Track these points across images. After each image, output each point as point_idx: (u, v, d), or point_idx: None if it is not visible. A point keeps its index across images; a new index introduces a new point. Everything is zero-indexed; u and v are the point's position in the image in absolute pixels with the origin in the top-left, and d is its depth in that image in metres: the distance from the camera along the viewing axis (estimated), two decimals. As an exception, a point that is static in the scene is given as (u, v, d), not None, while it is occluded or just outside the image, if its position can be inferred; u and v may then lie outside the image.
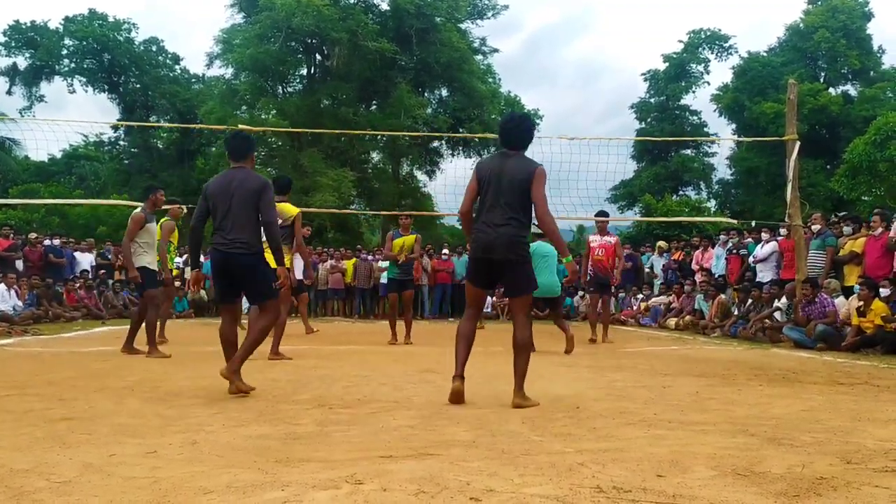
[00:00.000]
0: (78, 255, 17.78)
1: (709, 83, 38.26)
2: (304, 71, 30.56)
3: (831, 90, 33.86)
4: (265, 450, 3.31)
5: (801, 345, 9.82)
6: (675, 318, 14.52)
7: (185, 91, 33.33)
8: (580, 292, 18.98)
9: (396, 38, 27.87)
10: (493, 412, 4.41)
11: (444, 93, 31.41)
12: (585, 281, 12.78)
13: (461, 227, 5.13)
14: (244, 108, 28.45)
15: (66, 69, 32.75)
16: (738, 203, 35.29)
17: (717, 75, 69.87)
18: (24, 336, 10.95)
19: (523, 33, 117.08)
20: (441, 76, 29.44)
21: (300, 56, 29.57)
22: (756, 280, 12.88)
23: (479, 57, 31.90)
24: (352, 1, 28.93)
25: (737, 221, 16.28)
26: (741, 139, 32.35)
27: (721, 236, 15.46)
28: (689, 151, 37.62)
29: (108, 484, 2.73)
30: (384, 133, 25.15)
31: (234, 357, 5.05)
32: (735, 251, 14.44)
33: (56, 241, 17.58)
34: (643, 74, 39.40)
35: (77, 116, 64.65)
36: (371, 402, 4.81)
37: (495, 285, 5.00)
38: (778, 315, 11.11)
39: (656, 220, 22.54)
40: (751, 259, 13.41)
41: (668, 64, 38.22)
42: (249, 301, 5.55)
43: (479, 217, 4.79)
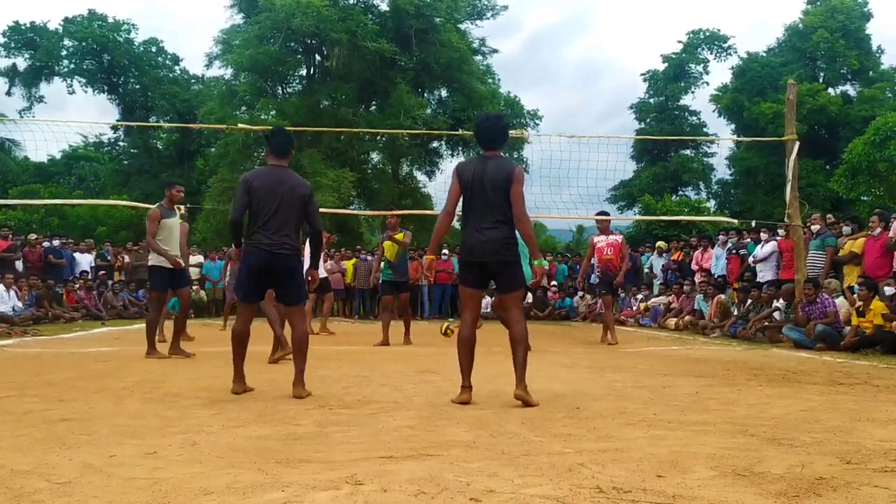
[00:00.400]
0: (77, 256, 17.79)
1: (708, 83, 38.33)
2: (304, 71, 30.56)
3: (830, 90, 33.86)
4: (265, 450, 3.31)
5: (801, 345, 9.82)
6: (674, 318, 14.52)
7: (184, 92, 33.33)
8: (580, 293, 19.01)
9: (396, 39, 27.87)
10: (493, 413, 4.41)
11: (444, 93, 31.42)
12: (581, 282, 12.76)
13: (436, 230, 5.19)
14: (244, 108, 28.45)
15: (66, 70, 32.75)
16: (737, 203, 35.28)
17: (717, 75, 70.11)
18: (23, 337, 10.95)
19: (523, 33, 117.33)
20: (440, 77, 29.43)
21: (300, 56, 29.57)
22: (756, 280, 12.88)
23: (479, 57, 31.91)
24: (351, 1, 28.93)
25: (737, 221, 16.27)
26: (740, 139, 32.35)
27: (720, 236, 15.47)
28: (688, 151, 37.64)
29: (108, 485, 2.73)
30: (383, 133, 25.16)
31: (297, 373, 5.08)
32: (735, 251, 14.45)
33: (56, 241, 17.58)
34: (642, 75, 39.47)
35: (77, 117, 64.74)
36: (371, 402, 4.81)
37: (489, 284, 5.02)
38: (777, 315, 11.12)
39: (656, 219, 22.54)
40: (750, 259, 13.41)
41: (667, 64, 38.25)
42: (283, 302, 5.44)
43: (467, 221, 4.88)
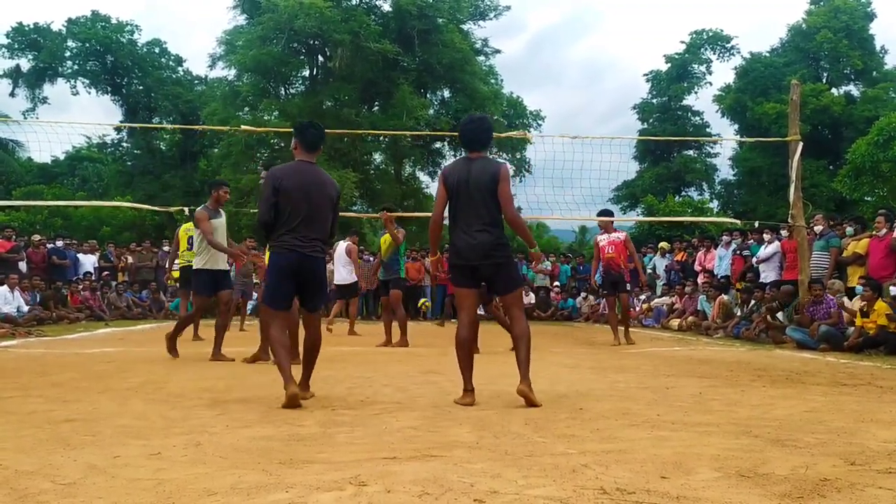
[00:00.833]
0: (81, 257, 17.84)
1: (711, 84, 38.25)
2: (307, 72, 30.58)
3: (834, 91, 33.80)
4: (269, 451, 3.32)
5: (805, 346, 9.81)
6: (677, 318, 14.51)
7: (187, 93, 33.35)
8: (582, 294, 19.01)
9: (398, 40, 27.88)
10: (497, 413, 4.41)
11: (447, 94, 31.42)
12: (594, 283, 12.69)
13: (430, 234, 5.17)
14: (247, 109, 28.49)
15: (69, 71, 32.78)
16: (740, 204, 35.23)
17: (720, 76, 69.92)
18: (27, 338, 10.98)
19: (527, 33, 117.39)
20: (443, 77, 29.44)
21: (302, 57, 29.60)
22: (759, 280, 12.86)
23: (482, 58, 31.91)
24: (354, 2, 28.95)
25: (740, 222, 16.26)
26: (743, 140, 32.29)
27: (724, 237, 15.45)
28: (691, 152, 37.60)
29: (112, 485, 2.74)
30: (386, 134, 25.16)
31: (303, 375, 4.96)
32: (738, 252, 14.44)
33: (59, 242, 17.62)
34: (645, 75, 39.43)
35: (81, 118, 64.77)
36: (374, 403, 4.81)
37: (481, 284, 5.00)
38: (780, 315, 11.10)
39: (659, 220, 22.52)
40: (754, 260, 13.39)
41: (670, 64, 38.21)
42: (308, 307, 5.09)
43: (455, 224, 4.86)
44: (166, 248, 19.89)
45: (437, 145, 31.80)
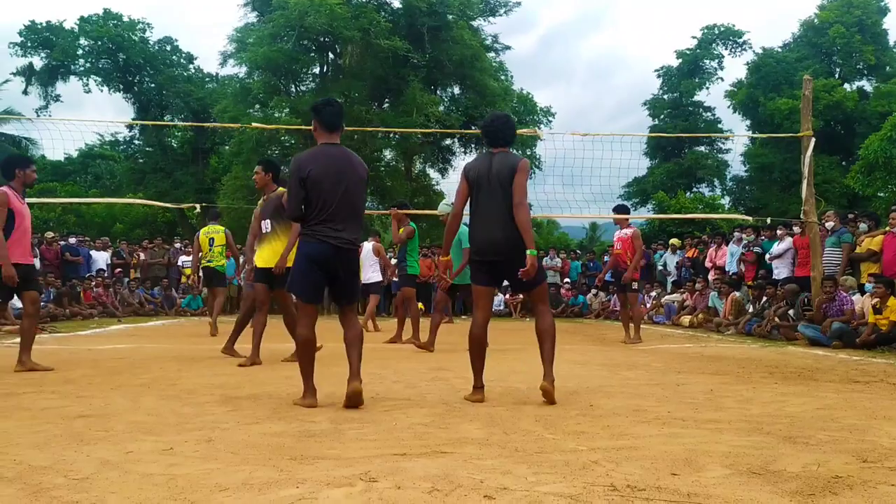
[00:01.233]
0: (94, 254, 17.98)
1: (722, 79, 37.99)
2: (317, 69, 30.61)
3: (846, 86, 33.55)
4: (280, 447, 3.33)
5: (817, 342, 9.76)
6: (688, 315, 14.46)
7: (199, 90, 33.45)
8: (593, 290, 18.98)
9: (409, 36, 27.85)
10: (507, 410, 4.41)
11: (457, 90, 31.36)
12: (600, 280, 12.67)
13: (447, 231, 5.14)
14: (258, 106, 28.55)
15: (82, 69, 32.93)
16: (752, 200, 35.03)
17: (731, 71, 69.52)
18: (41, 334, 11.04)
19: (539, 29, 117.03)
20: (453, 74, 29.39)
21: (313, 55, 29.62)
22: (772, 277, 12.81)
23: (492, 54, 31.84)
24: (364, -1, 28.98)
25: (752, 218, 16.17)
26: (755, 135, 32.11)
27: (735, 233, 15.38)
28: (702, 148, 37.39)
29: (125, 481, 2.76)
30: (396, 131, 25.18)
31: (354, 372, 4.52)
32: (750, 248, 14.37)
33: (72, 239, 17.76)
34: (656, 71, 39.23)
35: (94, 115, 65.15)
36: (384, 399, 4.82)
37: (502, 282, 4.96)
38: (791, 312, 11.05)
39: (670, 217, 22.45)
40: (767, 256, 13.34)
41: (681, 60, 38.00)
42: (340, 302, 4.75)
43: (475, 219, 4.78)
44: (178, 244, 20.07)
45: (448, 142, 31.79)
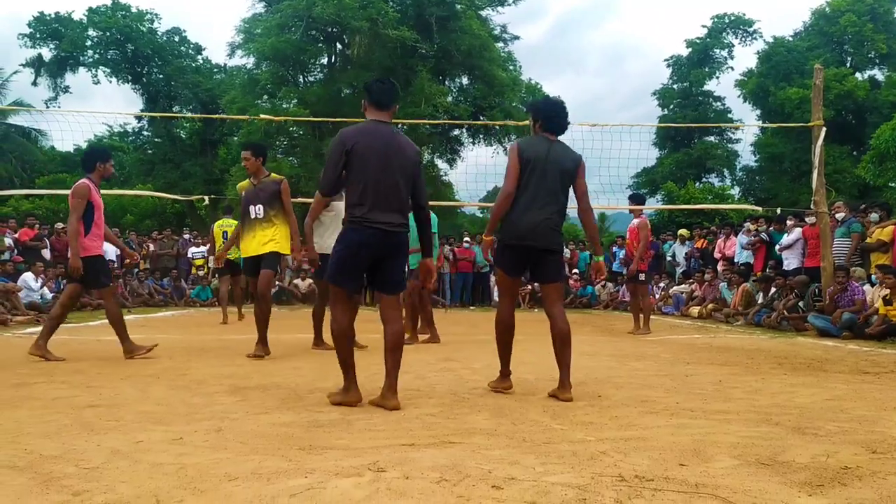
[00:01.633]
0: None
1: (733, 69, 37.86)
2: (325, 60, 30.60)
3: (858, 75, 33.32)
4: (289, 437, 3.34)
5: (826, 333, 9.72)
6: (697, 306, 14.42)
7: (207, 81, 33.52)
8: (602, 281, 18.93)
9: (417, 26, 27.78)
10: (515, 401, 4.41)
11: (465, 81, 31.31)
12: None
13: (497, 210, 4.60)
14: (266, 97, 28.59)
15: (90, 60, 33.04)
16: (762, 190, 34.88)
17: (742, 60, 68.96)
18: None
19: (549, 18, 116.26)
20: (462, 64, 29.32)
21: (321, 45, 29.61)
22: (782, 268, 12.74)
23: (501, 44, 31.75)
24: (372, -11, 28.91)
25: (761, 209, 16.08)
26: (766, 125, 31.94)
27: (748, 223, 15.29)
28: (712, 138, 37.22)
29: (135, 470, 2.78)
30: (405, 122, 25.14)
31: (389, 385, 4.21)
32: (757, 235, 14.27)
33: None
34: (666, 60, 39.05)
35: (104, 106, 65.37)
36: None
37: (525, 272, 4.78)
38: (801, 303, 11.00)
39: (679, 207, 22.35)
40: (777, 247, 13.27)
41: (691, 49, 37.79)
42: (384, 290, 4.32)
43: (520, 201, 4.53)
44: (187, 235, 20.17)
45: (456, 133, 31.74)
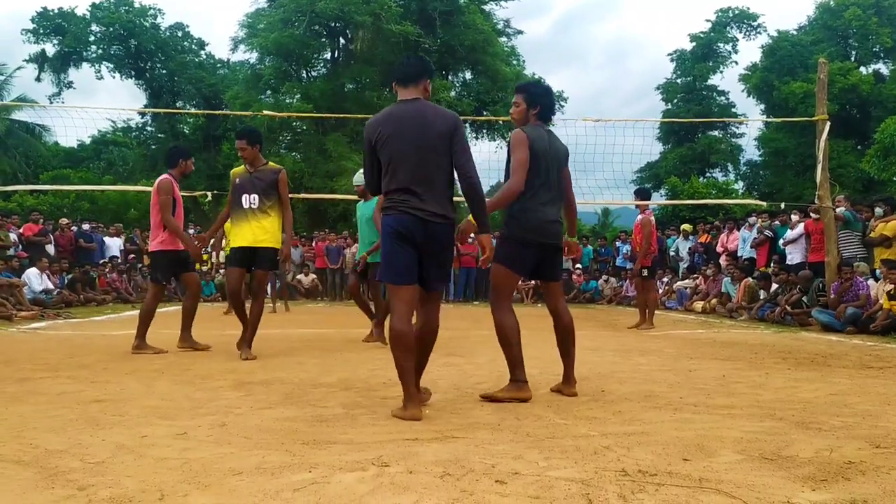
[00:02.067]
0: (107, 240, 18.09)
1: (737, 63, 37.65)
2: (328, 55, 30.61)
3: (862, 69, 33.16)
4: (293, 432, 3.35)
5: (830, 328, 9.70)
6: (701, 301, 14.40)
7: (210, 76, 33.51)
8: (604, 276, 18.93)
9: (420, 21, 27.76)
10: (518, 395, 4.41)
11: (468, 76, 31.28)
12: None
13: (501, 203, 4.28)
14: (269, 92, 28.59)
15: (94, 55, 33.06)
16: (766, 185, 34.78)
17: (746, 55, 68.90)
18: (56, 319, 11.16)
19: (553, 13, 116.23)
20: (465, 59, 29.29)
21: (324, 40, 29.60)
22: (785, 263, 12.72)
23: (504, 39, 31.71)
24: (375, -16, 28.89)
25: (765, 204, 16.04)
26: (769, 120, 31.84)
27: (751, 218, 15.26)
28: (716, 132, 37.11)
29: (140, 464, 2.79)
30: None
31: (413, 392, 3.77)
32: (762, 232, 14.25)
33: (86, 225, 17.88)
34: (669, 55, 38.90)
35: (107, 102, 65.56)
36: (396, 385, 4.79)
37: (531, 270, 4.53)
38: (805, 298, 10.98)
39: (683, 202, 22.32)
40: (780, 242, 13.25)
41: (695, 44, 37.65)
42: (426, 285, 3.92)
43: (536, 196, 4.28)
44: (192, 230, 20.20)
45: (459, 127, 31.72)
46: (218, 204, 16.70)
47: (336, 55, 30.35)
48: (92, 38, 32.66)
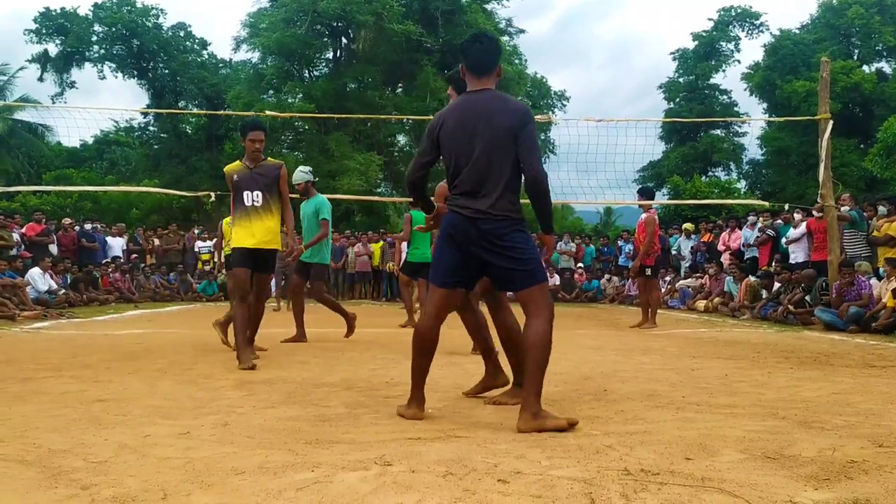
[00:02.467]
0: (109, 240, 18.14)
1: (739, 62, 37.53)
2: (330, 54, 30.60)
3: (865, 68, 33.08)
4: (295, 431, 3.36)
5: (833, 327, 9.69)
6: (703, 300, 14.39)
7: (212, 76, 33.51)
8: (606, 275, 18.93)
9: (422, 21, 27.75)
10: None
11: (470, 75, 31.25)
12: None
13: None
14: (271, 92, 28.60)
15: (96, 55, 33.06)
16: (768, 184, 34.71)
17: (748, 54, 68.66)
18: (59, 319, 11.18)
19: (556, 12, 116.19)
20: (467, 59, 29.27)
21: (326, 39, 29.60)
22: (788, 261, 12.71)
23: (506, 38, 31.66)
24: (377, -17, 28.89)
25: (768, 203, 16.02)
26: (772, 119, 31.78)
27: (750, 217, 15.25)
28: (718, 131, 37.03)
29: (143, 464, 2.79)
30: (410, 117, 25.14)
31: (528, 394, 3.46)
32: (765, 231, 14.24)
33: (88, 225, 17.91)
34: (672, 54, 38.84)
35: (109, 102, 65.62)
36: (399, 384, 4.83)
37: None
38: (808, 297, 10.97)
39: (685, 202, 22.30)
40: (783, 240, 13.23)
41: (697, 42, 37.58)
42: (504, 288, 3.88)
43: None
44: (196, 230, 20.29)
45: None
46: (221, 204, 16.72)
47: (338, 55, 30.36)
48: (94, 38, 32.67)
